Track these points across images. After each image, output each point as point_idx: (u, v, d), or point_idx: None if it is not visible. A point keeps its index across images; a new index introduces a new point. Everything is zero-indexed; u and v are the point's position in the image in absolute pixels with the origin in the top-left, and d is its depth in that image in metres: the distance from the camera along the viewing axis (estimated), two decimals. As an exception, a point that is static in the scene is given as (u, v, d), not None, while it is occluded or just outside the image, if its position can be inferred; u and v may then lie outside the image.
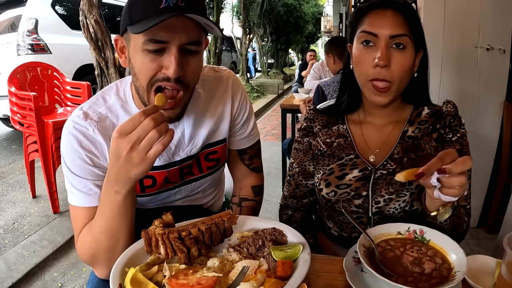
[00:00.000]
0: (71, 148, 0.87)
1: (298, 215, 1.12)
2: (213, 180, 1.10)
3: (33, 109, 2.57)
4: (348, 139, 1.01)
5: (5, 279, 2.03)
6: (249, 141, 1.13)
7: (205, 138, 1.00)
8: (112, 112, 0.92)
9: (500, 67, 2.17)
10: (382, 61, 0.85)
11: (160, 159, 0.95)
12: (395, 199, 0.92)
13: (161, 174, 0.97)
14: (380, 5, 0.89)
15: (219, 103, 1.02)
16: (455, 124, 0.94)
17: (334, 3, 14.18)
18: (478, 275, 0.72)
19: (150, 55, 0.79)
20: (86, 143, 0.87)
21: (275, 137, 5.54)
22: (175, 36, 0.77)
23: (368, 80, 0.90)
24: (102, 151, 0.89)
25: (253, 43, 14.43)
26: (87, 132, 0.88)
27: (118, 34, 0.88)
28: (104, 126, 0.89)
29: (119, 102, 0.93)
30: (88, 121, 0.88)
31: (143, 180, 0.96)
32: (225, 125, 1.04)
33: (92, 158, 0.88)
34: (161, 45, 0.78)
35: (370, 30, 0.88)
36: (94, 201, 0.86)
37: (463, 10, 2.11)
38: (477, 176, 2.15)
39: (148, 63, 0.79)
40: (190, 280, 0.66)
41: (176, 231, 0.74)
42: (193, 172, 1.03)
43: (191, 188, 1.06)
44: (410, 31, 0.87)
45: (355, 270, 0.74)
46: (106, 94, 0.95)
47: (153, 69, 0.80)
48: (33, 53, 4.11)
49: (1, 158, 3.98)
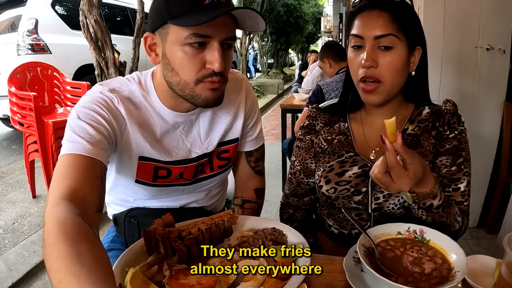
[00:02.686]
0: (93, 103, 0.84)
1: (299, 214, 1.12)
2: (219, 181, 1.10)
3: (33, 109, 2.57)
4: (349, 137, 1.02)
5: (5, 279, 2.03)
6: (257, 143, 1.14)
7: (220, 136, 1.02)
8: (135, 98, 0.92)
9: (500, 67, 2.17)
10: (368, 62, 0.87)
11: (178, 154, 0.96)
12: (394, 195, 0.92)
13: (177, 169, 0.97)
14: (366, 7, 0.90)
15: (234, 103, 1.04)
16: (453, 122, 0.94)
17: (334, 3, 14.19)
18: (478, 275, 0.72)
19: (193, 50, 0.81)
20: (112, 106, 0.86)
21: (275, 137, 5.54)
22: (218, 32, 0.80)
23: (358, 81, 0.92)
24: (121, 123, 0.88)
25: (254, 44, 14.42)
26: (113, 100, 0.87)
27: (148, 32, 0.87)
28: (128, 106, 0.90)
29: (140, 90, 0.93)
30: (114, 94, 0.88)
31: (158, 171, 0.96)
32: (239, 124, 1.05)
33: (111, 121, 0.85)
34: (204, 39, 0.80)
35: (356, 33, 0.90)
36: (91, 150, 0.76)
37: (463, 10, 2.11)
38: (477, 176, 2.15)
39: (191, 58, 0.82)
40: (190, 280, 0.66)
41: (176, 231, 0.74)
42: (204, 170, 1.04)
43: (200, 185, 1.06)
44: (399, 29, 0.87)
45: (355, 270, 0.74)
46: (129, 80, 0.95)
47: (196, 63, 0.82)
48: (33, 53, 4.11)
49: (1, 158, 3.99)
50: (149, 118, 0.93)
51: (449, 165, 0.92)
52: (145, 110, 0.93)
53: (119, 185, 1.02)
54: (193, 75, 0.83)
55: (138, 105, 0.92)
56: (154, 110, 0.93)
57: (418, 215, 0.85)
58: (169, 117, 0.94)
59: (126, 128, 0.89)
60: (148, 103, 0.93)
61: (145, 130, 0.92)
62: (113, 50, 2.97)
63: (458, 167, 0.92)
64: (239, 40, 11.10)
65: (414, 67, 0.93)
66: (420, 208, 0.83)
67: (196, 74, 0.83)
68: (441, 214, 0.84)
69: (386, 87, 0.89)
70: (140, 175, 0.96)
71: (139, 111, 0.92)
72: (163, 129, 0.94)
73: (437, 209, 0.82)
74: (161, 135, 0.94)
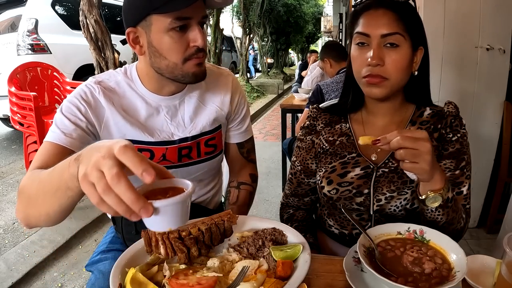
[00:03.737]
0: (74, 97, 0.97)
1: (299, 214, 1.12)
2: (209, 169, 1.13)
3: (33, 109, 2.58)
4: (351, 138, 1.02)
5: (5, 279, 2.04)
6: (246, 135, 1.23)
7: (204, 124, 1.08)
8: (120, 87, 1.03)
9: (500, 67, 2.17)
10: (374, 60, 0.87)
11: (160, 136, 1.03)
12: (396, 197, 0.92)
13: (159, 150, 1.04)
14: (372, 5, 0.90)
15: (219, 94, 1.12)
16: (455, 124, 0.94)
17: (334, 3, 14.19)
18: (478, 275, 0.72)
19: (178, 33, 0.90)
20: (89, 99, 0.98)
21: (275, 137, 5.54)
22: (195, 13, 0.90)
23: (361, 77, 0.92)
24: (99, 111, 0.98)
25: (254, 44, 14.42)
26: (93, 91, 0.99)
27: (129, 27, 0.94)
28: (110, 95, 1.00)
29: (125, 79, 1.04)
30: (97, 84, 1.00)
31: (142, 152, 0.98)
32: (223, 115, 1.12)
33: (86, 113, 0.96)
34: (186, 22, 0.90)
35: (362, 31, 0.90)
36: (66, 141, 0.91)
37: (463, 10, 2.11)
38: (477, 176, 2.15)
39: (177, 41, 0.91)
40: (190, 280, 0.66)
41: (176, 231, 0.74)
42: (191, 156, 1.08)
43: (188, 171, 1.08)
44: (404, 29, 0.87)
45: (355, 270, 0.74)
46: (116, 72, 1.06)
47: (183, 45, 0.92)
48: (33, 53, 4.11)
49: (1, 158, 3.98)
50: (134, 103, 1.02)
51: (453, 169, 0.92)
52: (130, 95, 1.02)
53: None
54: (180, 56, 0.93)
55: (123, 93, 1.02)
56: (138, 95, 1.03)
57: (434, 216, 0.83)
58: (152, 100, 1.03)
59: (105, 114, 0.99)
60: (132, 89, 1.03)
61: (129, 113, 1.01)
62: (113, 50, 2.97)
63: (461, 171, 0.92)
64: (239, 40, 11.10)
65: (416, 67, 0.93)
66: (439, 206, 0.81)
67: (183, 54, 0.93)
68: (454, 209, 0.83)
69: (391, 83, 0.90)
70: None
71: (124, 97, 1.02)
72: (148, 112, 1.02)
73: (451, 202, 0.82)
74: (146, 118, 1.02)
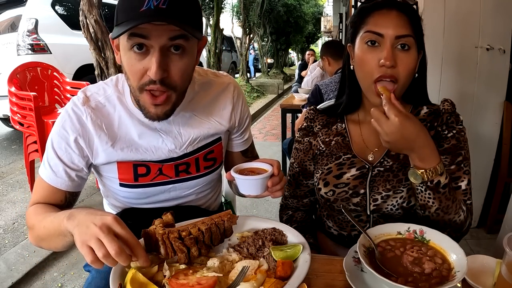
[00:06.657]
0: (61, 126, 0.92)
1: (298, 215, 1.12)
2: (207, 182, 1.09)
3: (33, 109, 2.57)
4: (346, 139, 1.02)
5: (5, 279, 2.03)
6: (248, 141, 1.18)
7: (202, 139, 1.01)
8: (110, 102, 0.96)
9: (500, 67, 2.17)
10: (389, 61, 0.85)
11: (154, 154, 0.97)
12: (392, 195, 0.92)
13: (155, 165, 0.99)
14: (385, 5, 0.89)
15: (219, 107, 1.04)
16: (451, 121, 0.94)
17: (334, 3, 14.20)
18: (478, 275, 0.72)
19: (136, 55, 0.80)
20: (77, 126, 0.92)
21: (275, 137, 5.54)
22: (156, 36, 0.77)
23: (372, 82, 0.88)
24: (89, 139, 0.93)
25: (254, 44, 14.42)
26: (81, 116, 0.92)
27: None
28: (99, 115, 0.93)
29: (116, 93, 0.96)
30: (85, 107, 0.93)
31: (138, 168, 0.98)
32: (223, 128, 1.05)
33: (77, 142, 0.92)
34: (143, 41, 0.78)
35: (375, 30, 0.87)
36: (57, 182, 0.92)
37: (463, 10, 2.11)
38: (477, 176, 2.15)
39: (134, 64, 0.81)
40: (190, 280, 0.66)
41: (176, 231, 0.74)
42: (190, 171, 1.04)
43: (185, 186, 1.05)
44: (414, 32, 0.87)
45: (355, 270, 0.74)
46: (107, 84, 0.99)
47: (139, 70, 0.81)
48: (33, 53, 4.10)
49: (1, 158, 3.99)
50: (125, 122, 0.95)
51: (448, 164, 0.92)
52: (121, 113, 0.95)
53: (108, 190, 1.05)
54: (136, 82, 0.83)
55: (114, 108, 0.95)
56: (129, 111, 0.95)
57: (425, 199, 0.83)
58: (143, 118, 0.92)
59: (95, 143, 0.93)
60: (123, 105, 0.95)
61: (120, 135, 0.94)
62: (113, 50, 2.96)
63: (457, 166, 0.92)
64: (239, 40, 11.10)
65: (416, 69, 0.93)
66: (428, 188, 0.81)
67: (138, 82, 0.82)
68: (447, 196, 0.83)
69: (400, 87, 0.89)
70: (122, 176, 0.98)
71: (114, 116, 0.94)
72: (140, 130, 0.95)
73: (444, 188, 0.81)
74: (139, 136, 0.95)
